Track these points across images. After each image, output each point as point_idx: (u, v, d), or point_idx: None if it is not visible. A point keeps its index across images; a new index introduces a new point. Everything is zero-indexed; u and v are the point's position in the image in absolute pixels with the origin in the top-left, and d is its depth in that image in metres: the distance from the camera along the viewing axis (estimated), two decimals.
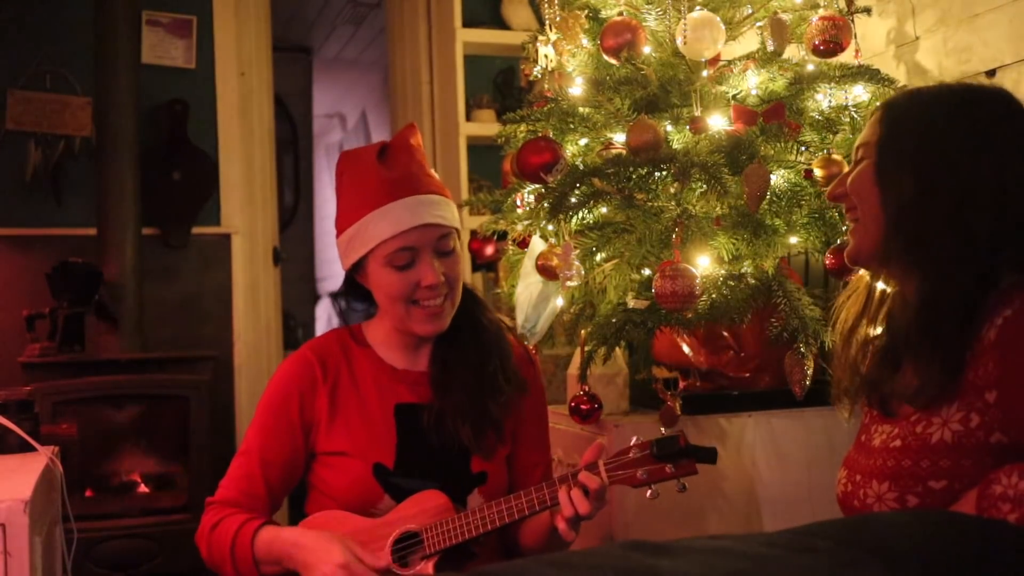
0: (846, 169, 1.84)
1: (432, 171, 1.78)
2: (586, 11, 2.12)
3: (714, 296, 1.86)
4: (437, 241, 1.69)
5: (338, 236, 1.77)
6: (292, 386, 1.76)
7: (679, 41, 1.89)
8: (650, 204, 1.91)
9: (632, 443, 1.57)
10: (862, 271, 1.47)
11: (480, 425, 1.72)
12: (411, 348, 1.80)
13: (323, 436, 1.75)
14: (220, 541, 1.69)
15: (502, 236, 2.31)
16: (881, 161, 1.33)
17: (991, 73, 2.17)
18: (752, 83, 1.97)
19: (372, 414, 1.75)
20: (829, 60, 1.95)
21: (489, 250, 2.39)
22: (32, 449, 1.90)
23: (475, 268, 4.08)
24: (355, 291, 1.81)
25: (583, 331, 2.09)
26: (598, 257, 1.96)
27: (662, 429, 1.62)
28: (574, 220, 1.94)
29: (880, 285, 1.43)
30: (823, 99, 1.96)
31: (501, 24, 4.27)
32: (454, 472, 1.72)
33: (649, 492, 1.56)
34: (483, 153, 4.12)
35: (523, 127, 2.13)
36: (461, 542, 1.61)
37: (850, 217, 1.40)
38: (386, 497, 1.69)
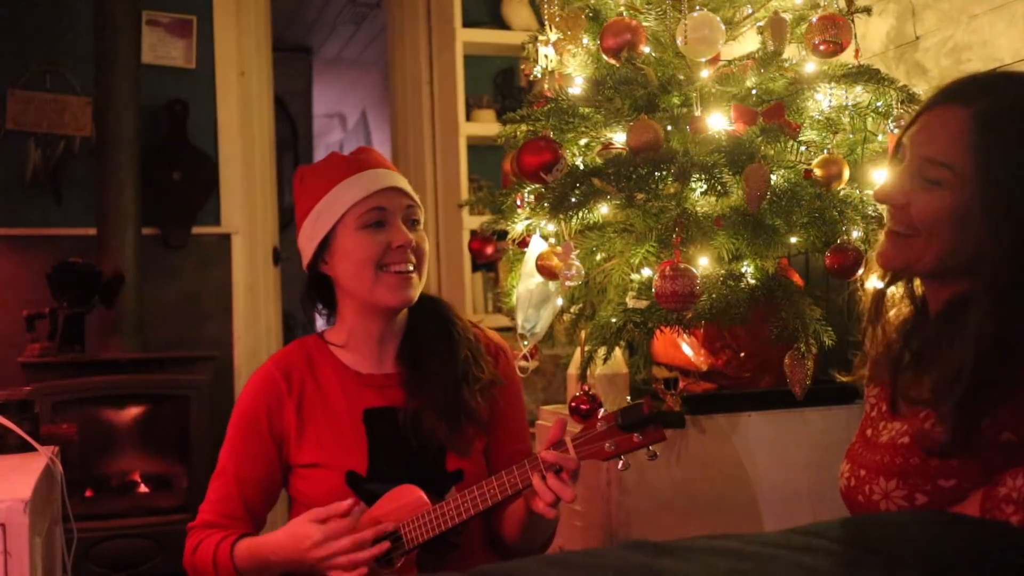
0: (844, 167, 1.85)
1: None
2: (586, 11, 2.12)
3: (714, 296, 1.86)
4: (406, 209, 1.75)
5: (299, 228, 1.79)
6: (259, 403, 1.77)
7: (679, 41, 1.89)
8: (650, 204, 1.91)
9: (598, 416, 1.56)
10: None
11: (455, 419, 1.73)
12: (375, 349, 1.80)
13: (294, 449, 1.75)
14: (202, 562, 1.70)
15: (502, 236, 2.31)
16: (979, 209, 1.21)
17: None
18: (752, 83, 1.97)
19: (341, 422, 1.75)
20: (829, 60, 1.94)
21: (489, 250, 2.39)
22: (32, 449, 1.90)
23: (475, 268, 4.08)
24: (317, 291, 1.82)
25: (583, 331, 2.08)
26: (598, 257, 1.96)
27: (627, 398, 1.60)
28: (574, 220, 1.94)
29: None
30: (823, 99, 1.95)
31: (501, 24, 4.27)
32: (429, 472, 1.72)
33: (620, 464, 1.55)
34: (483, 153, 4.12)
35: (523, 127, 2.12)
36: (439, 534, 1.61)
37: (900, 228, 1.30)
38: (361, 504, 1.69)
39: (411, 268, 1.72)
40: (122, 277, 3.56)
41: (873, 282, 1.48)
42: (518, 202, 2.15)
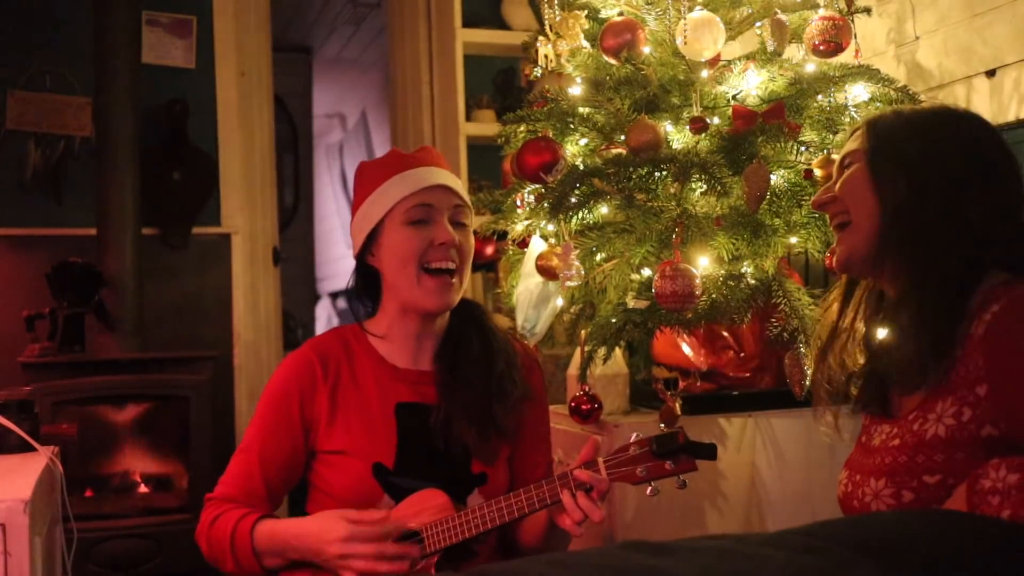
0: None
1: None
2: (586, 11, 2.12)
3: (714, 296, 1.86)
4: (453, 209, 1.75)
5: (352, 218, 1.81)
6: (292, 385, 1.76)
7: (679, 41, 1.89)
8: (650, 204, 1.91)
9: (632, 440, 1.57)
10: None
11: (485, 429, 1.72)
12: (412, 345, 1.80)
13: (323, 435, 1.75)
14: (219, 535, 1.69)
15: (502, 236, 2.31)
16: (875, 163, 1.37)
17: (991, 73, 2.17)
18: (752, 83, 1.97)
19: (372, 413, 1.75)
20: (829, 60, 1.95)
21: (489, 250, 2.39)
22: (32, 449, 1.90)
23: (475, 268, 4.06)
24: (364, 279, 1.82)
25: (583, 331, 2.09)
26: (598, 257, 1.96)
27: (662, 426, 1.61)
28: (574, 220, 1.94)
29: (860, 289, 1.47)
30: (823, 99, 1.95)
31: (501, 24, 4.27)
32: (454, 472, 1.72)
33: (649, 489, 1.56)
34: (483, 153, 4.12)
35: (523, 127, 2.13)
36: (461, 541, 1.61)
37: (836, 222, 1.43)
38: (385, 497, 1.69)
39: (452, 266, 1.73)
40: (99, 274, 3.54)
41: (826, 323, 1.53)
42: (518, 202, 2.15)
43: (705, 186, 1.82)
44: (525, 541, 1.75)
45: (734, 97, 1.98)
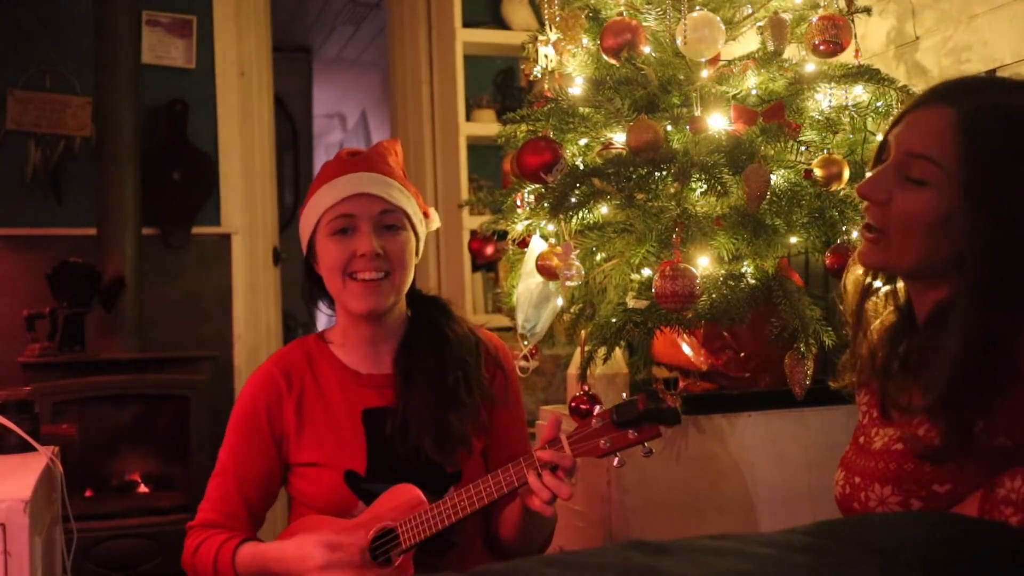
0: (844, 167, 1.85)
1: (397, 166, 1.81)
2: (586, 11, 2.12)
3: (714, 296, 1.86)
4: (379, 215, 1.73)
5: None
6: (259, 401, 1.77)
7: (679, 41, 1.89)
8: (650, 204, 1.91)
9: (595, 413, 1.56)
10: None
11: (443, 437, 1.72)
12: (369, 350, 1.80)
13: (294, 447, 1.76)
14: (203, 563, 1.70)
15: (502, 236, 2.31)
16: (961, 214, 1.20)
17: (991, 73, 2.17)
18: (752, 83, 1.97)
19: (340, 422, 1.75)
20: (829, 60, 1.94)
21: (489, 250, 2.39)
22: (32, 449, 1.90)
23: (475, 268, 4.07)
24: (316, 285, 1.83)
25: (583, 331, 2.08)
26: (598, 257, 1.96)
27: (624, 395, 1.59)
28: (574, 220, 1.94)
29: None
30: (823, 99, 1.95)
31: (501, 24, 4.27)
32: (428, 474, 1.71)
33: (616, 460, 1.54)
34: (483, 153, 4.12)
35: (523, 127, 2.12)
36: (436, 533, 1.61)
37: (873, 223, 1.30)
38: (360, 504, 1.70)
39: (376, 276, 1.72)
40: (123, 280, 3.55)
41: (854, 279, 1.46)
42: (518, 202, 2.14)
43: (705, 186, 1.82)
44: (505, 532, 1.75)
45: (734, 97, 1.98)
